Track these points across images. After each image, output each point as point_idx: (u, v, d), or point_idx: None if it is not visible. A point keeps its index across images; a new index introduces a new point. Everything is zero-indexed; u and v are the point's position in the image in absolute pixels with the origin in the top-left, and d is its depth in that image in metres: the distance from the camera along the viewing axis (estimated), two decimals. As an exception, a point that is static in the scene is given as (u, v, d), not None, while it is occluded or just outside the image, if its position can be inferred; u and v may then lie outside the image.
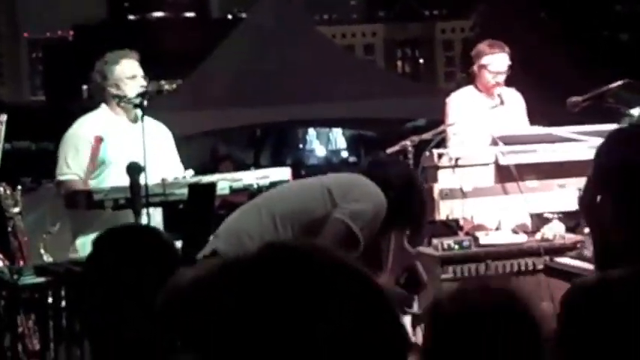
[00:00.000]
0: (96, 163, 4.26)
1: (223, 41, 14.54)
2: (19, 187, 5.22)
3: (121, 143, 4.31)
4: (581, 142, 4.85)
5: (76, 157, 4.28)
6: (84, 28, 42.21)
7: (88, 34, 38.57)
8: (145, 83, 4.36)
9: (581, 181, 4.78)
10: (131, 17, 51.65)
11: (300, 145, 18.28)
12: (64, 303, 3.57)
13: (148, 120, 4.38)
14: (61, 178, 4.33)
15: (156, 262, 1.90)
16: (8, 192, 5.11)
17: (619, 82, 4.61)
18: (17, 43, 66.31)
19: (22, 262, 4.90)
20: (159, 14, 51.67)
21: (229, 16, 49.18)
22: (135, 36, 35.94)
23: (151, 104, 4.32)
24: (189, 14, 52.87)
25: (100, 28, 41.02)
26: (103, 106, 4.44)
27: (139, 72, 4.39)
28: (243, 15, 36.77)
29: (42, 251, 5.21)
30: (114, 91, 4.36)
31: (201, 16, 51.38)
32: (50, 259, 5.09)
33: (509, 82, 5.41)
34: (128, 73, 4.36)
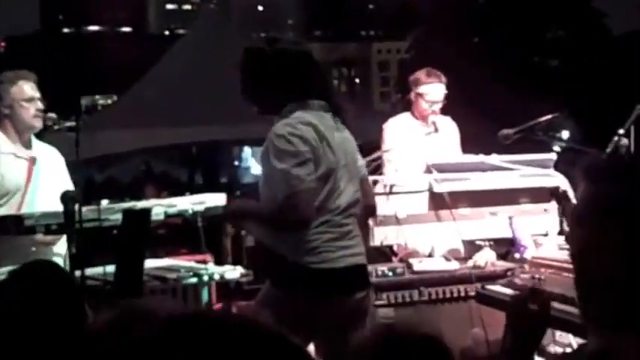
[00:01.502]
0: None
1: (160, 58, 14.44)
2: None
3: (16, 169, 4.21)
4: (513, 171, 4.96)
5: None
6: (16, 40, 41.46)
7: (20, 46, 37.92)
8: (41, 107, 4.23)
9: (512, 209, 4.91)
10: (66, 30, 50.94)
11: (236, 163, 18.23)
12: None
13: (40, 144, 4.33)
14: None
15: (58, 300, 1.89)
16: None
17: (548, 116, 4.73)
18: (-54, 52, 64.92)
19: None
20: (94, 28, 51.06)
21: (166, 32, 48.89)
22: (69, 49, 35.47)
23: (87, 120, 4.23)
24: (126, 29, 52.39)
25: (33, 40, 40.35)
26: None
27: (37, 94, 4.25)
28: (181, 31, 36.63)
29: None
30: (7, 112, 4.22)
31: (138, 31, 50.97)
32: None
33: (444, 109, 5.50)
34: (25, 95, 4.22)
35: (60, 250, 4.12)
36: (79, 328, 1.96)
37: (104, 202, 3.96)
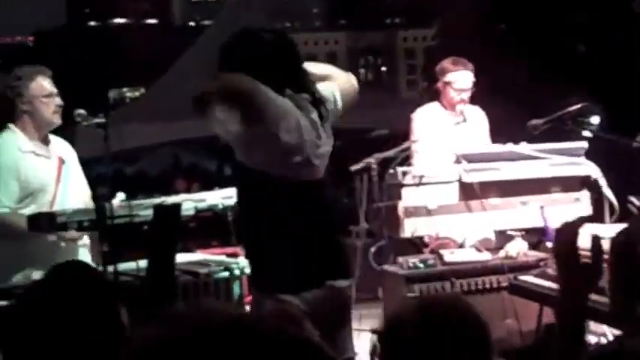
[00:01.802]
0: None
1: (185, 50, 14.49)
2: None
3: (38, 167, 4.16)
4: (543, 160, 4.92)
5: (3, 188, 4.04)
6: (44, 34, 41.72)
7: (48, 40, 38.13)
8: (60, 102, 4.17)
9: (543, 199, 4.88)
10: (92, 23, 51.19)
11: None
12: None
13: (56, 140, 4.29)
14: None
15: (94, 301, 1.90)
16: None
17: (577, 105, 4.67)
18: (-25, 48, 65.50)
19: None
20: (120, 21, 51.25)
21: (192, 24, 48.95)
22: (96, 42, 35.63)
23: (115, 114, 4.19)
24: (151, 21, 52.54)
25: (60, 33, 40.58)
26: (12, 127, 4.16)
27: (55, 90, 4.18)
28: (206, 22, 36.67)
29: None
30: (26, 108, 4.13)
31: (164, 23, 51.05)
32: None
33: (472, 98, 5.45)
34: (45, 90, 4.15)
35: (87, 244, 4.15)
36: (114, 327, 1.97)
37: (119, 196, 3.92)
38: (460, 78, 5.29)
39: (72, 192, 4.19)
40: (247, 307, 4.46)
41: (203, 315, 1.15)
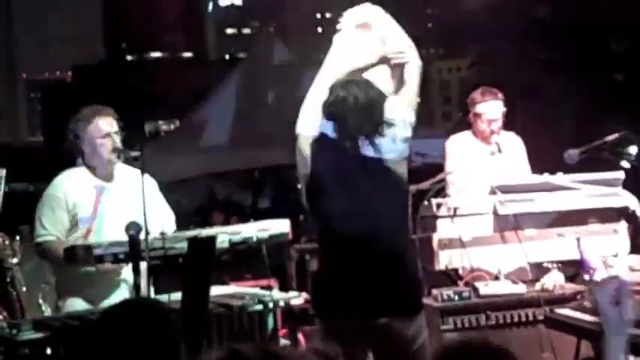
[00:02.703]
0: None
1: (221, 82, 14.61)
2: (18, 237, 5.23)
3: (88, 200, 4.31)
4: (579, 191, 4.87)
5: (52, 218, 4.25)
6: (82, 69, 42.36)
7: (86, 75, 38.71)
8: (117, 141, 4.32)
9: (579, 230, 4.82)
10: (129, 57, 51.92)
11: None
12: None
13: (125, 170, 4.39)
14: (38, 240, 4.29)
15: (159, 339, 1.91)
16: (7, 242, 5.11)
17: (616, 135, 4.63)
18: (15, 83, 66.58)
19: (20, 314, 4.88)
20: (156, 54, 51.93)
21: (227, 56, 49.43)
22: (133, 76, 36.10)
23: (150, 146, 4.28)
24: (187, 54, 53.16)
25: (98, 68, 41.18)
26: (80, 162, 4.40)
27: (113, 129, 4.34)
28: (241, 55, 36.99)
29: (40, 301, 5.20)
30: (86, 150, 4.34)
31: (199, 56, 51.65)
32: (49, 309, 5.07)
33: (507, 125, 5.40)
34: (101, 132, 4.31)
35: (127, 277, 4.18)
36: None
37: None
38: (489, 109, 5.26)
39: (113, 222, 4.22)
40: (282, 340, 4.46)
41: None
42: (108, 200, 4.32)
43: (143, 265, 3.63)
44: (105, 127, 4.33)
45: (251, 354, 1.28)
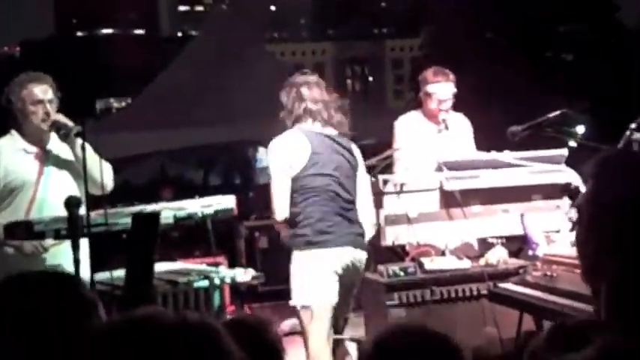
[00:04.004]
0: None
1: (173, 59, 14.48)
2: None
3: (22, 163, 4.25)
4: (524, 168, 4.93)
5: None
6: (31, 44, 41.61)
7: (35, 50, 38.04)
8: (51, 110, 4.22)
9: (523, 206, 4.89)
10: (79, 34, 51.10)
11: (251, 164, 18.18)
12: None
13: (56, 142, 4.32)
14: None
15: (68, 309, 1.89)
16: None
17: (557, 112, 4.69)
18: (-38, 58, 65.23)
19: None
20: (108, 31, 51.18)
21: (179, 34, 48.94)
22: (83, 52, 35.56)
23: (101, 123, 4.22)
24: (139, 31, 52.51)
25: (47, 44, 40.48)
26: (13, 131, 4.32)
27: (47, 97, 4.24)
28: (193, 33, 36.66)
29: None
30: (18, 115, 4.25)
31: (151, 34, 51.07)
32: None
33: (458, 105, 5.45)
34: (34, 97, 4.22)
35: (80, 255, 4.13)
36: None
37: None
38: (440, 89, 5.29)
39: (56, 191, 4.16)
40: (228, 317, 4.45)
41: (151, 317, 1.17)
42: (49, 168, 4.26)
43: (84, 242, 3.58)
44: (39, 93, 4.23)
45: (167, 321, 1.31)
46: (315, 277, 4.21)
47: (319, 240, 4.23)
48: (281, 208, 4.28)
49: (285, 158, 4.33)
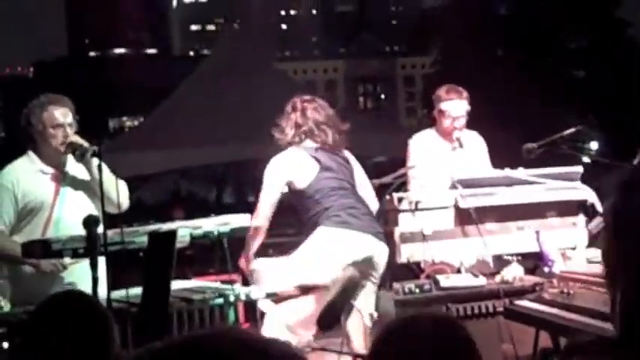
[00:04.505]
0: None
1: (185, 78, 14.55)
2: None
3: (40, 186, 4.26)
4: (539, 185, 4.91)
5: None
6: (44, 65, 41.93)
7: (48, 71, 38.32)
8: (70, 133, 4.22)
9: (539, 223, 4.87)
10: (92, 54, 51.49)
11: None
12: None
13: (73, 163, 4.33)
14: None
15: (88, 329, 1.92)
16: None
17: (572, 130, 4.69)
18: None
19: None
20: (120, 51, 51.55)
21: (191, 53, 49.25)
22: (96, 73, 35.81)
23: (114, 142, 4.25)
24: (151, 51, 52.87)
25: (60, 64, 40.78)
26: (30, 152, 4.32)
27: (67, 120, 4.25)
28: (205, 52, 36.87)
29: (-1, 297, 5.13)
30: (37, 137, 4.26)
31: (163, 53, 51.41)
32: (7, 305, 5.01)
33: (471, 123, 5.46)
34: (54, 121, 4.23)
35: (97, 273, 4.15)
36: (107, 354, 1.97)
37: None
38: (453, 107, 5.30)
39: (71, 211, 4.19)
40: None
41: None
42: (65, 188, 4.28)
43: (102, 260, 3.59)
44: (59, 117, 4.24)
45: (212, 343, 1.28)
46: (335, 256, 4.52)
47: (352, 222, 4.60)
48: (262, 216, 4.69)
49: (283, 174, 4.70)
